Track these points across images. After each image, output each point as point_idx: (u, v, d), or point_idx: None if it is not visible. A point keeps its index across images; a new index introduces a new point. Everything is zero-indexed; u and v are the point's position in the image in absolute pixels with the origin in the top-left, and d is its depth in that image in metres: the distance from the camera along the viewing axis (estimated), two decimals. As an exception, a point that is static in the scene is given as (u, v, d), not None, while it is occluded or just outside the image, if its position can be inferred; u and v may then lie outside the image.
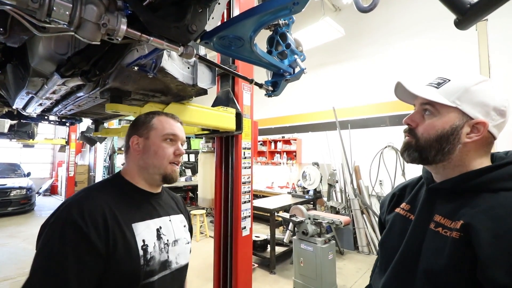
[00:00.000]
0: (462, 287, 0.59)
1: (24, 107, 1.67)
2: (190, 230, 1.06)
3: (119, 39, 0.61)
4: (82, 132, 5.76)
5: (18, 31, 0.71)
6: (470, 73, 0.70)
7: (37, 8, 0.50)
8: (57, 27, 0.56)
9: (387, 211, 0.91)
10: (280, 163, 7.03)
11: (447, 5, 0.60)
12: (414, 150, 0.72)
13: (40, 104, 1.55)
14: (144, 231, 0.81)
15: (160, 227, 0.88)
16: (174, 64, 1.15)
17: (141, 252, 0.77)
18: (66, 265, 0.67)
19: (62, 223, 0.71)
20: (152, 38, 0.66)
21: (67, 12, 0.52)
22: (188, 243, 0.98)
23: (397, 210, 0.83)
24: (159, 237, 0.85)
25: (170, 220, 0.93)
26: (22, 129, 4.96)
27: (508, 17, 4.11)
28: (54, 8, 0.50)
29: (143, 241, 0.79)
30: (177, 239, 0.92)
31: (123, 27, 0.59)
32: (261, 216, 5.61)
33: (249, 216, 2.10)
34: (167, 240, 0.88)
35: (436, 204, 0.71)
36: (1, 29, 0.68)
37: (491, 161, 0.70)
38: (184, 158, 9.89)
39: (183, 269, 0.94)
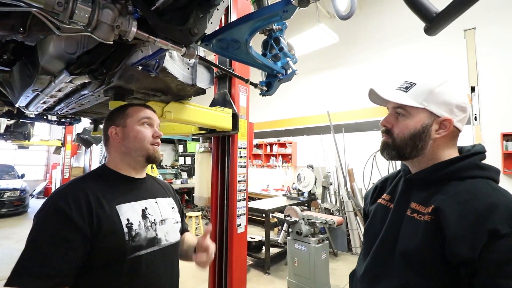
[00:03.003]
0: (433, 264, 0.66)
1: (27, 105, 1.73)
2: (181, 212, 1.15)
3: (130, 40, 0.68)
4: (78, 134, 5.76)
5: (36, 31, 0.78)
6: (432, 76, 0.78)
7: (61, 11, 0.57)
8: (75, 27, 0.64)
9: (370, 202, 0.98)
10: (276, 166, 7.11)
11: (417, 14, 0.69)
12: (392, 149, 0.80)
13: (44, 102, 1.61)
14: (129, 211, 0.89)
15: (146, 208, 0.95)
16: (175, 64, 1.23)
17: (125, 229, 0.85)
18: (52, 245, 0.75)
19: (48, 209, 0.80)
20: (158, 39, 0.74)
21: (86, 15, 0.60)
22: (176, 222, 1.05)
23: (379, 200, 0.90)
24: (144, 216, 0.93)
25: (156, 202, 1.01)
26: (18, 129, 4.97)
27: (495, 25, 4.29)
28: (76, 11, 0.58)
29: (128, 220, 0.87)
30: (165, 219, 0.99)
31: (134, 29, 0.67)
32: (257, 219, 5.66)
33: (244, 214, 2.16)
34: (154, 220, 0.95)
35: (412, 193, 0.78)
36: (21, 29, 0.75)
37: (459, 153, 0.78)
38: (180, 161, 9.91)
39: (174, 246, 1.01)
